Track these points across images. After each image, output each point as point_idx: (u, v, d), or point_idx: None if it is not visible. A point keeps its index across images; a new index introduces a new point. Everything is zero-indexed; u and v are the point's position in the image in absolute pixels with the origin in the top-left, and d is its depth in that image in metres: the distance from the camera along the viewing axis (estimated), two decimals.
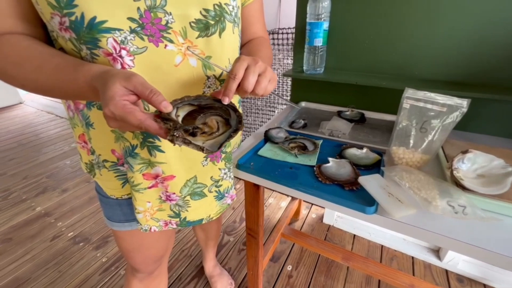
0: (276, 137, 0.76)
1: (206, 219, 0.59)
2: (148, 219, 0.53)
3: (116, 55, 0.37)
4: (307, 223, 1.39)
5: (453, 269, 1.09)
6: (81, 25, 0.35)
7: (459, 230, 0.44)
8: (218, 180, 0.57)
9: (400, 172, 0.57)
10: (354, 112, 0.93)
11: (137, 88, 0.32)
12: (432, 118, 0.56)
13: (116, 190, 0.53)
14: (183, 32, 0.40)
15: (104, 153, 0.49)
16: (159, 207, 0.53)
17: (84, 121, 0.47)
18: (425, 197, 0.50)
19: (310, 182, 0.58)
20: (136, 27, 0.37)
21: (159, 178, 0.49)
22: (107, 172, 0.51)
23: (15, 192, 1.70)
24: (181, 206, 0.54)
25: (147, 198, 0.50)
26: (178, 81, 0.43)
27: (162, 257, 0.67)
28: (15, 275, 1.14)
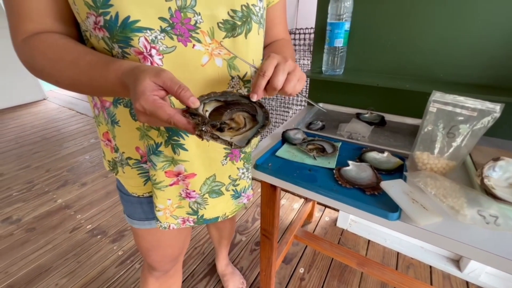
0: (294, 138, 0.75)
1: (221, 217, 0.59)
2: (168, 217, 0.54)
3: (146, 53, 0.38)
4: (320, 226, 1.37)
5: (475, 281, 1.04)
6: (115, 24, 0.36)
7: (489, 241, 0.41)
8: (236, 179, 0.57)
9: (425, 178, 0.55)
10: (373, 115, 0.91)
11: (166, 84, 0.33)
12: (461, 123, 0.53)
13: (138, 188, 0.54)
14: (211, 32, 0.41)
15: (128, 150, 0.50)
16: (179, 204, 0.54)
17: (109, 119, 0.48)
18: (452, 205, 0.48)
19: (330, 185, 0.57)
20: (166, 26, 0.38)
21: (181, 175, 0.50)
22: (130, 169, 0.52)
23: (38, 184, 1.78)
24: (200, 204, 0.55)
25: (168, 195, 0.51)
26: (204, 80, 0.43)
27: (178, 256, 0.68)
28: (38, 263, 1.20)
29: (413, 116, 0.86)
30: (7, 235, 1.35)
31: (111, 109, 0.46)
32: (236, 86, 0.48)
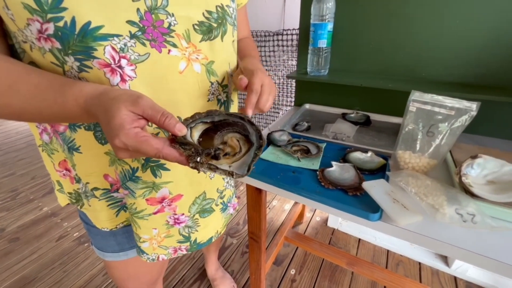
0: (279, 140, 0.75)
1: (215, 236, 0.56)
2: (156, 247, 0.49)
3: (114, 65, 0.33)
4: (311, 226, 1.37)
5: (462, 276, 1.06)
6: (71, 32, 0.30)
7: (467, 239, 0.42)
8: (222, 191, 0.56)
9: (406, 177, 0.56)
10: (359, 115, 0.91)
11: (147, 112, 0.29)
12: (440, 121, 0.54)
13: (109, 221, 0.48)
14: (187, 35, 0.37)
15: (94, 180, 0.44)
16: (167, 233, 0.49)
17: (65, 146, 0.41)
18: (432, 204, 0.48)
19: (313, 186, 0.57)
20: (136, 31, 0.33)
21: (166, 200, 0.45)
22: (97, 202, 0.45)
23: (23, 192, 1.73)
24: (191, 227, 0.51)
25: (152, 224, 0.46)
26: (183, 89, 0.39)
27: (156, 280, 0.64)
28: (22, 274, 1.16)
29: (398, 115, 0.86)
30: None
31: (66, 133, 0.40)
32: (216, 92, 0.45)
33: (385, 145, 0.73)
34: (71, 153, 0.41)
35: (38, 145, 0.46)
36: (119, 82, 0.34)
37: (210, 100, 0.44)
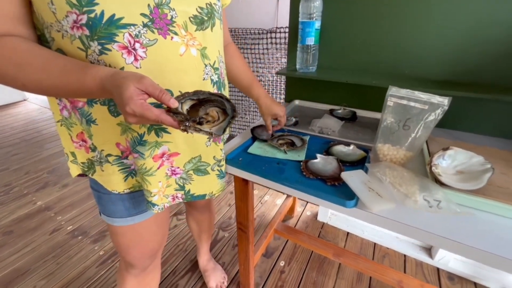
0: (261, 134, 0.78)
1: (209, 195, 0.63)
2: (162, 198, 0.57)
3: (130, 48, 0.41)
4: (302, 221, 1.40)
5: (444, 267, 1.10)
6: (99, 22, 0.39)
7: (435, 223, 0.45)
8: (220, 160, 0.62)
9: (384, 168, 0.59)
10: (346, 111, 0.94)
11: (148, 89, 0.37)
12: (415, 115, 0.57)
13: (119, 184, 0.55)
14: (185, 26, 0.46)
15: (108, 147, 0.51)
16: (167, 183, 0.57)
17: (84, 119, 0.49)
18: (406, 193, 0.51)
19: (295, 176, 0.60)
20: (147, 21, 0.42)
21: (165, 155, 0.53)
22: (110, 166, 0.52)
23: (17, 187, 1.74)
24: (185, 179, 0.59)
25: (158, 178, 0.54)
26: (184, 69, 0.48)
27: (157, 252, 0.69)
28: (15, 266, 1.17)
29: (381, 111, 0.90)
30: None
31: (85, 108, 0.48)
32: (210, 73, 0.53)
33: (368, 139, 0.76)
34: (89, 125, 0.49)
35: (56, 120, 0.54)
36: (133, 61, 0.43)
37: (205, 79, 0.52)
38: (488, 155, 0.58)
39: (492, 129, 0.77)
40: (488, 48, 0.71)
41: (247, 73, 0.73)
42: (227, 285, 1.06)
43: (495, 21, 0.68)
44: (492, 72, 0.72)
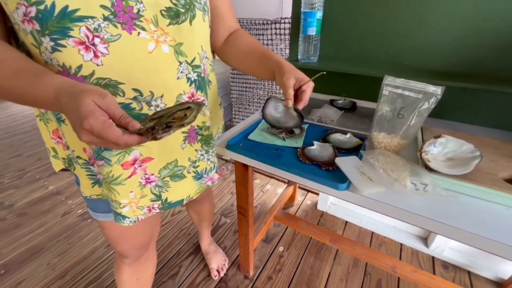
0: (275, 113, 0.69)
1: (186, 199, 0.61)
2: (135, 209, 0.54)
3: (89, 43, 0.37)
4: (302, 209, 1.44)
5: (439, 256, 1.13)
6: (50, 15, 0.35)
7: (422, 206, 0.47)
8: (195, 161, 0.60)
9: (377, 155, 0.61)
10: (346, 101, 0.96)
11: (111, 109, 0.33)
12: (409, 104, 0.59)
13: (86, 189, 0.53)
14: (155, 20, 0.42)
15: (77, 149, 0.49)
16: (141, 193, 0.53)
17: (54, 116, 0.46)
18: (396, 178, 0.54)
19: (292, 162, 0.63)
20: (109, 14, 0.38)
21: (137, 162, 0.50)
22: (80, 168, 0.51)
23: (30, 172, 1.82)
24: (161, 187, 0.56)
25: (129, 188, 0.50)
26: (154, 67, 0.44)
27: (148, 243, 0.68)
28: (30, 244, 1.25)
29: None
30: (0, 220, 1.40)
31: None
32: (185, 71, 0.48)
33: (365, 128, 0.78)
34: (59, 123, 0.46)
35: (36, 115, 0.52)
36: (93, 57, 0.39)
37: (179, 78, 0.48)
38: (480, 143, 0.59)
39: (488, 120, 0.78)
40: (487, 39, 0.71)
41: (260, 46, 0.61)
42: (227, 267, 1.12)
43: (494, 12, 0.68)
44: (490, 63, 0.73)
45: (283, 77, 0.52)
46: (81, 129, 0.32)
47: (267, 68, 0.57)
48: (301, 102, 0.56)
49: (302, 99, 0.55)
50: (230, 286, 1.05)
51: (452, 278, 1.05)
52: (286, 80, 0.52)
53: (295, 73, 0.54)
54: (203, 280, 1.07)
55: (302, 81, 0.55)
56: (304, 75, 0.56)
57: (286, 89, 0.52)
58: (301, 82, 0.55)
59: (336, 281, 1.06)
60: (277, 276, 1.09)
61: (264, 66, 0.58)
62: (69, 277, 1.10)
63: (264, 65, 0.58)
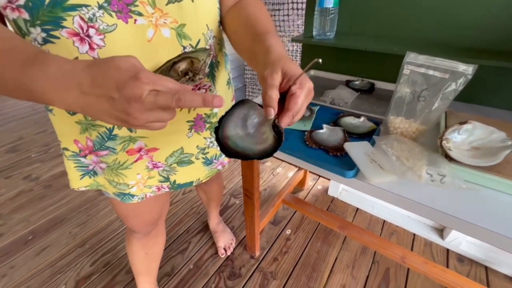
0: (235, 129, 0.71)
1: (196, 182, 0.61)
2: (142, 188, 0.54)
3: (83, 34, 0.34)
4: (312, 194, 1.42)
5: (455, 249, 1.08)
6: (41, 3, 0.31)
7: (436, 198, 0.43)
8: (204, 148, 0.57)
9: (392, 141, 0.56)
10: (363, 82, 0.89)
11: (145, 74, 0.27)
12: (433, 85, 0.52)
13: (74, 181, 0.51)
14: (152, 1, 0.37)
15: (65, 141, 0.46)
16: (149, 175, 0.53)
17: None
18: (411, 167, 0.49)
19: (298, 146, 0.59)
20: (103, 2, 0.34)
21: (143, 150, 0.49)
22: (66, 160, 0.49)
23: (54, 148, 1.92)
24: (169, 171, 0.55)
25: (136, 171, 0.50)
26: (154, 56, 0.40)
27: (157, 220, 0.69)
28: (54, 214, 1.35)
29: None
30: (28, 191, 1.51)
31: None
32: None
33: (382, 112, 0.71)
34: (47, 111, 0.45)
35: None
36: (88, 50, 0.35)
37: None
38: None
39: None
40: None
41: (259, 22, 0.44)
42: (235, 246, 1.14)
43: None
44: None
45: (268, 67, 0.34)
46: (129, 114, 0.26)
47: (254, 55, 0.41)
48: (287, 113, 0.33)
49: (289, 108, 0.33)
50: (236, 264, 1.07)
51: (467, 272, 1.01)
52: (269, 74, 0.33)
53: (284, 64, 0.34)
54: (210, 257, 1.11)
55: (292, 78, 0.33)
56: (298, 68, 0.34)
57: (267, 89, 0.33)
58: (291, 80, 0.33)
59: (342, 267, 1.05)
60: (283, 258, 1.10)
61: (252, 53, 0.42)
62: (88, 246, 1.18)
63: (253, 52, 0.41)
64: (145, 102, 0.26)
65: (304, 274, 1.03)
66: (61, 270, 1.07)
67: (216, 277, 1.03)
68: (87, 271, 1.07)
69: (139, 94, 0.25)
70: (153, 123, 0.29)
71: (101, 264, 1.10)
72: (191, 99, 0.27)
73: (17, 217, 1.33)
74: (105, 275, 1.05)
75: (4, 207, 1.39)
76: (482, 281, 0.98)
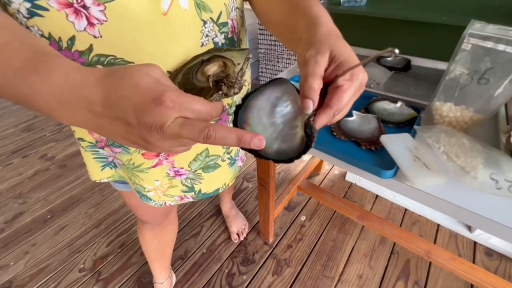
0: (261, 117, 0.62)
1: (222, 188, 0.55)
2: (161, 196, 0.49)
3: (78, 5, 0.27)
4: (328, 179, 1.35)
5: (484, 242, 1.00)
6: None
7: (499, 209, 0.35)
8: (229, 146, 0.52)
9: (438, 133, 0.47)
10: (398, 58, 0.77)
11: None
12: (501, 64, 0.42)
13: (95, 173, 0.48)
14: None
15: (79, 131, 0.41)
16: (170, 184, 0.47)
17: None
18: (463, 166, 0.41)
19: (324, 137, 0.51)
20: None
21: (162, 154, 0.43)
22: (84, 152, 0.45)
23: (67, 127, 1.92)
24: (193, 179, 0.49)
25: (154, 177, 0.45)
26: (169, 35, 0.32)
27: (168, 212, 0.66)
28: (70, 194, 1.37)
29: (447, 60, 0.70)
30: (45, 170, 1.53)
31: None
32: (211, 34, 0.36)
33: (422, 95, 0.61)
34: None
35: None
36: (86, 26, 0.28)
37: (204, 45, 0.36)
38: None
39: None
40: None
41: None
42: (248, 232, 1.12)
43: None
44: None
45: (312, 47, 0.26)
46: (149, 140, 0.21)
47: (292, 30, 0.33)
48: (327, 110, 0.25)
49: (330, 105, 0.25)
50: (249, 250, 1.06)
51: (495, 267, 0.94)
52: (312, 56, 0.26)
53: (334, 44, 0.26)
54: (223, 241, 1.10)
55: (342, 65, 0.25)
56: (352, 54, 0.27)
57: (307, 76, 0.25)
58: (340, 67, 0.25)
59: (360, 256, 1.02)
60: (297, 245, 1.07)
61: (288, 27, 0.34)
62: (103, 226, 1.19)
63: (289, 25, 0.34)
64: (167, 133, 0.20)
65: (319, 263, 1.00)
66: (79, 250, 1.10)
67: (229, 262, 1.02)
68: (104, 251, 1.09)
69: (161, 122, 0.20)
70: (178, 147, 0.23)
71: (117, 245, 1.11)
72: (224, 136, 0.21)
73: (35, 196, 1.37)
74: (121, 255, 1.07)
75: (24, 186, 1.43)
76: (511, 277, 0.91)
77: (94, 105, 0.21)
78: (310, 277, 0.96)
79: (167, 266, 0.89)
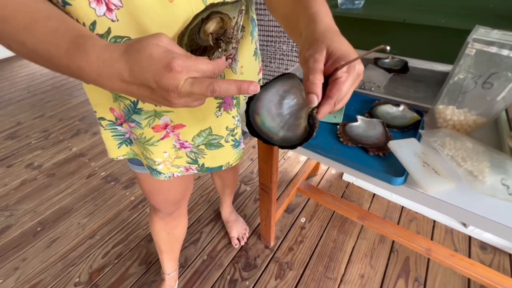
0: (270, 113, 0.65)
1: (225, 166, 0.58)
2: (169, 167, 0.53)
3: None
4: (326, 179, 1.36)
5: (479, 236, 1.04)
6: None
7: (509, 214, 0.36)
8: (233, 129, 0.54)
9: (443, 137, 0.47)
10: (395, 60, 0.77)
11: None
12: (506, 69, 0.42)
13: (113, 151, 0.52)
14: None
15: (101, 110, 0.46)
16: (176, 154, 0.52)
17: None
18: (471, 170, 0.41)
19: (330, 143, 0.51)
20: None
21: (169, 127, 0.47)
22: (103, 130, 0.49)
23: (54, 133, 1.85)
24: (196, 153, 0.53)
25: (162, 149, 0.49)
26: (174, 20, 0.35)
27: (180, 201, 0.70)
28: (61, 204, 1.31)
29: (445, 62, 0.71)
30: (32, 179, 1.47)
31: None
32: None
33: (423, 98, 0.62)
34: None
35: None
36: (106, 11, 0.32)
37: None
38: None
39: None
40: None
41: None
42: (248, 236, 1.11)
43: None
44: None
45: (311, 46, 0.30)
46: (166, 93, 0.26)
47: (295, 24, 0.36)
48: (328, 100, 0.29)
49: (330, 96, 0.29)
50: (251, 255, 1.05)
51: (490, 260, 0.97)
52: (311, 55, 0.29)
53: (330, 41, 0.29)
54: (224, 247, 1.08)
55: (340, 60, 0.29)
56: (349, 48, 0.30)
57: (309, 73, 0.29)
58: (338, 62, 0.29)
59: (360, 256, 1.03)
60: (298, 247, 1.07)
61: (292, 20, 0.37)
62: (98, 237, 1.15)
63: (293, 19, 0.37)
64: (182, 92, 0.26)
65: (321, 264, 1.01)
66: (73, 263, 1.06)
67: (231, 268, 1.01)
68: (100, 263, 1.05)
69: (175, 85, 0.26)
70: (193, 102, 0.29)
71: (113, 255, 1.08)
72: (226, 88, 0.26)
73: (23, 207, 1.30)
74: (118, 267, 1.04)
75: (10, 198, 1.36)
76: (506, 270, 0.95)
77: (123, 76, 0.27)
78: (313, 279, 0.97)
79: (175, 258, 0.91)
